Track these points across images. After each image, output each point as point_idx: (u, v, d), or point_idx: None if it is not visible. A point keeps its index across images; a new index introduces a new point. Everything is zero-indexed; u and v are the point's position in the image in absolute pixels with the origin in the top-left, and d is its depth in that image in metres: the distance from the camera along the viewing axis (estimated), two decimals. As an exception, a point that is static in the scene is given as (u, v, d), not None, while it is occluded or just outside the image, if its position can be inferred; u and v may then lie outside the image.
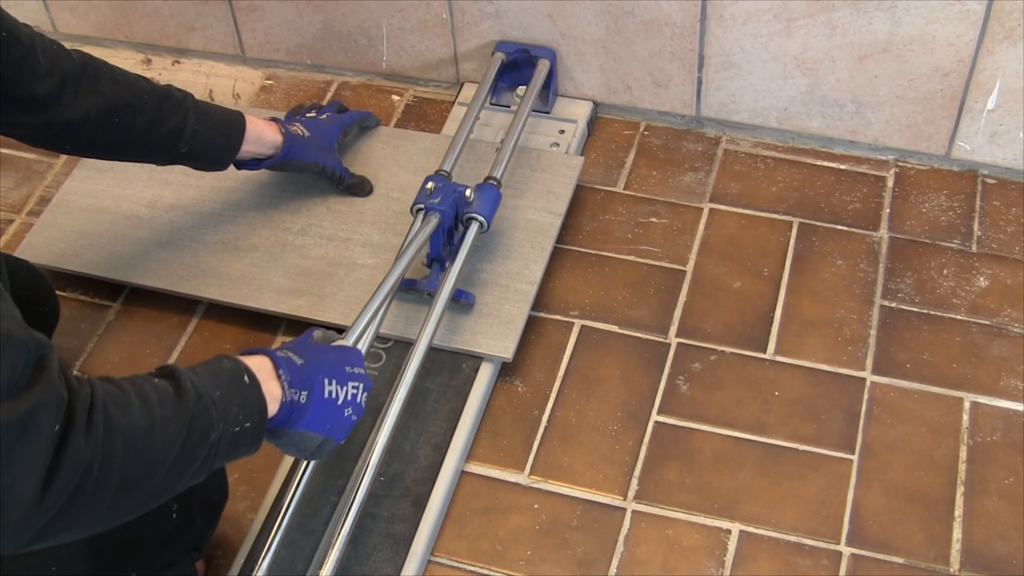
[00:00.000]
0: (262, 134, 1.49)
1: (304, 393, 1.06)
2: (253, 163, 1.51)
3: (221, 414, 0.96)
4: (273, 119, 1.54)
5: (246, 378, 1.00)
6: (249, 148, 1.48)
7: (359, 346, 1.28)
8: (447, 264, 1.47)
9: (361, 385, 1.13)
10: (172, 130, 1.39)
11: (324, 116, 1.63)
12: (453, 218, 1.47)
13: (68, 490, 0.83)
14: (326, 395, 1.08)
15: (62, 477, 0.83)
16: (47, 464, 0.82)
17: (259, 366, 1.03)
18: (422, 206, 1.46)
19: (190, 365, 1.00)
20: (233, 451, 0.99)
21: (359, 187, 1.62)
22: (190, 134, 1.40)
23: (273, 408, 1.03)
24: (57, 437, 0.82)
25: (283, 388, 1.04)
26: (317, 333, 1.17)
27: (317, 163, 1.56)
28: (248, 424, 0.99)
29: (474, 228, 1.48)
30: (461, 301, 1.47)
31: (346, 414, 1.11)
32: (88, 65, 1.33)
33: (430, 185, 1.48)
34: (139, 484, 0.90)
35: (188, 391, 0.94)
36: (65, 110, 1.30)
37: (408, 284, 1.48)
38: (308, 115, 1.63)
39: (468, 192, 1.48)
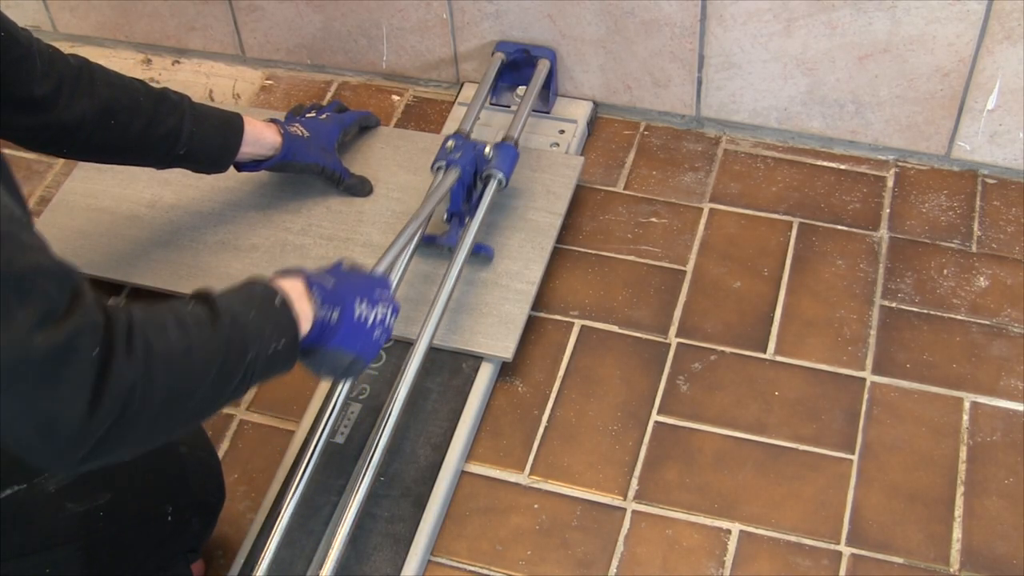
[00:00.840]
0: (261, 135, 1.49)
1: (335, 313, 1.09)
2: (253, 164, 1.51)
3: (256, 334, 0.99)
4: (272, 120, 1.54)
5: (277, 301, 1.03)
6: (248, 149, 1.48)
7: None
8: (466, 219, 1.51)
9: (390, 308, 1.17)
10: (169, 132, 1.39)
11: (324, 116, 1.63)
12: (473, 174, 1.51)
13: (114, 412, 0.86)
14: (356, 315, 1.12)
15: (107, 399, 0.85)
16: (91, 387, 0.84)
17: (291, 287, 1.07)
18: (443, 163, 1.51)
19: (221, 290, 1.02)
20: (270, 369, 1.02)
21: (359, 187, 1.62)
22: (187, 136, 1.40)
23: (305, 327, 1.06)
24: (99, 361, 0.85)
25: (315, 307, 1.07)
26: (346, 263, 1.19)
27: (317, 164, 1.56)
28: (283, 342, 1.02)
29: (493, 185, 1.52)
30: (481, 254, 1.51)
31: (375, 335, 1.14)
32: (84, 68, 1.34)
33: (450, 143, 1.53)
34: (181, 403, 0.93)
35: (222, 314, 0.97)
36: (62, 112, 1.30)
37: (429, 240, 1.52)
38: (308, 115, 1.63)
39: (487, 149, 1.53)
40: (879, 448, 1.39)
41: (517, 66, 1.74)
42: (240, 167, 1.50)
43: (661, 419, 1.43)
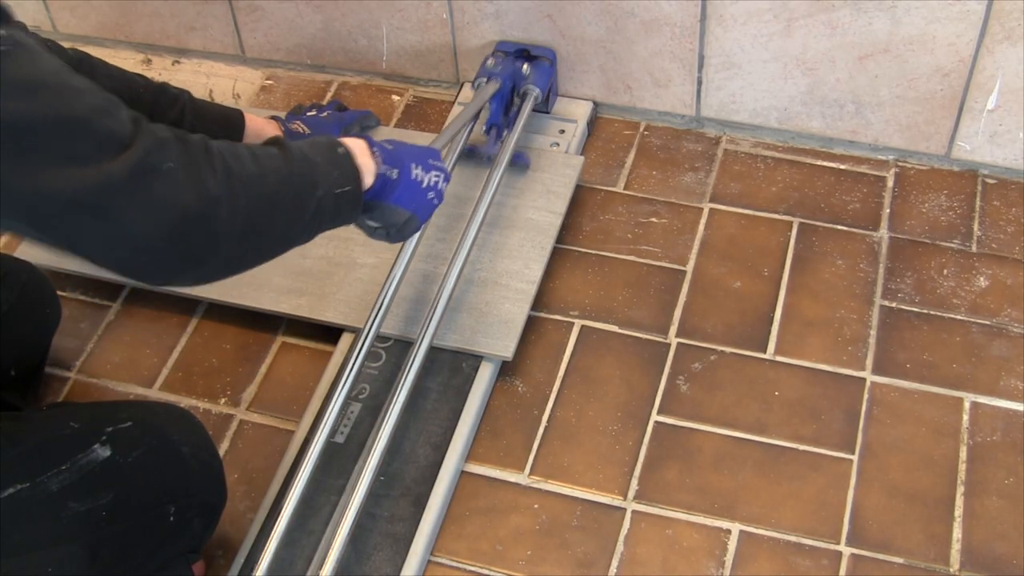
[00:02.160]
0: (262, 131, 1.48)
1: (395, 171, 1.17)
2: None
3: (323, 174, 1.06)
4: (273, 117, 1.54)
5: (340, 149, 1.10)
6: None
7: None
8: (505, 132, 1.62)
9: (442, 175, 1.25)
10: (169, 125, 1.38)
11: (325, 115, 1.63)
12: (511, 89, 1.63)
13: (205, 218, 0.93)
14: (413, 177, 1.20)
15: (201, 208, 0.92)
16: (181, 193, 0.91)
17: (354, 144, 1.13)
18: (484, 79, 1.64)
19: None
20: (336, 213, 1.09)
21: None
22: (188, 129, 1.39)
23: (369, 180, 1.13)
24: (181, 170, 0.91)
25: (377, 163, 1.14)
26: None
27: None
28: (348, 188, 1.09)
29: (530, 99, 1.65)
30: (519, 163, 1.61)
31: (429, 197, 1.22)
32: (84, 60, 1.33)
33: (490, 62, 1.66)
34: (264, 223, 0.99)
35: (292, 152, 1.04)
36: None
37: (469, 150, 1.62)
38: (309, 114, 1.63)
39: (525, 67, 1.65)
40: (879, 448, 1.39)
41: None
42: None
43: (661, 419, 1.43)
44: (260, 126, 1.49)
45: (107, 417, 1.16)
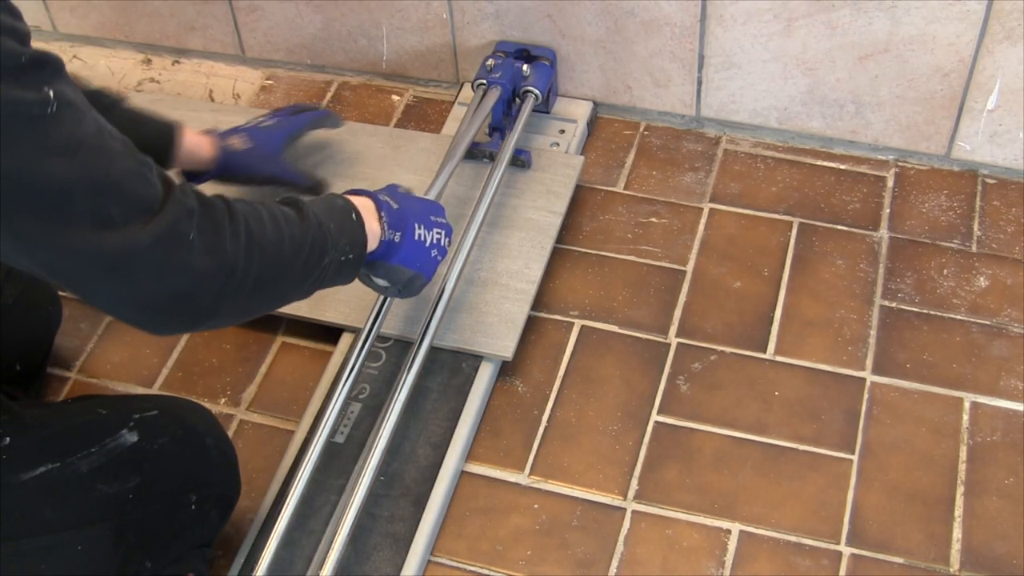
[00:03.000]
0: (196, 149, 1.44)
1: (399, 234, 1.21)
2: (191, 178, 1.45)
3: (334, 242, 1.10)
4: (210, 131, 1.49)
5: (354, 216, 1.14)
6: (184, 164, 1.43)
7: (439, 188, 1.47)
8: (506, 132, 1.63)
9: (444, 232, 1.29)
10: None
11: (272, 121, 1.56)
12: (511, 91, 1.64)
13: (216, 285, 0.96)
14: (416, 237, 1.24)
15: (213, 276, 0.95)
16: (197, 263, 0.94)
17: (364, 206, 1.17)
18: (484, 81, 1.64)
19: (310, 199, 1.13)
20: (336, 276, 1.13)
21: (315, 191, 1.56)
22: None
23: (373, 244, 1.17)
24: (201, 242, 0.94)
25: (383, 228, 1.19)
26: (401, 188, 1.29)
27: (261, 174, 1.51)
28: (352, 256, 1.13)
29: (530, 100, 1.65)
30: (521, 158, 1.62)
31: (432, 255, 1.26)
32: (99, 94, 1.31)
33: (490, 62, 1.66)
34: (270, 287, 1.03)
35: (310, 218, 1.08)
36: None
37: (473, 146, 1.62)
38: (258, 121, 1.56)
39: (525, 68, 1.65)
40: (879, 448, 1.39)
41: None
42: None
43: (661, 419, 1.43)
44: (196, 142, 1.45)
45: (134, 405, 1.20)
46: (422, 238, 1.24)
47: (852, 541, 1.31)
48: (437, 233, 1.27)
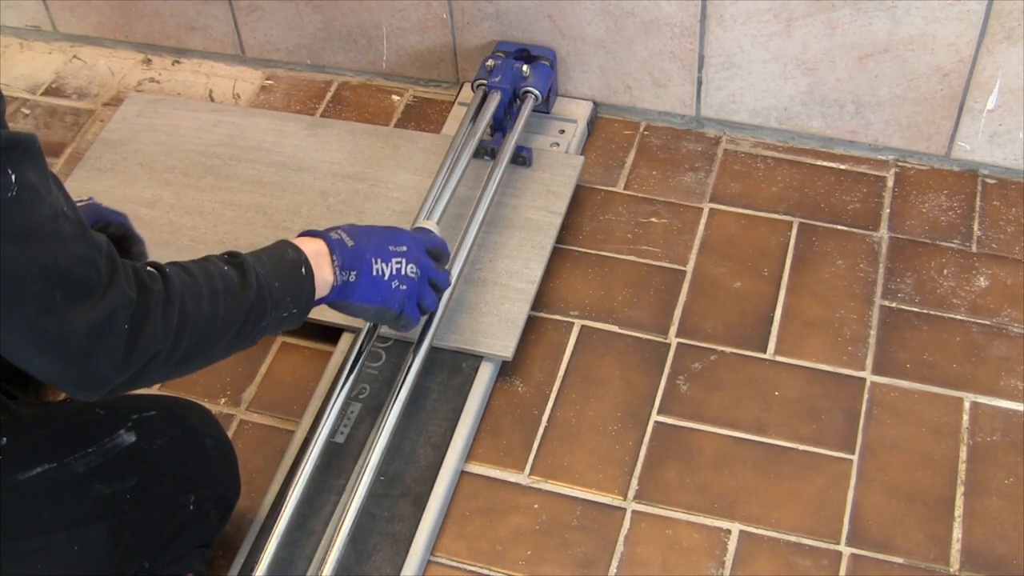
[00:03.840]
0: None
1: (353, 273, 1.18)
2: None
3: (275, 303, 1.09)
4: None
5: (303, 270, 1.13)
6: None
7: (435, 213, 1.47)
8: (507, 131, 1.62)
9: (404, 260, 1.25)
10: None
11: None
12: (511, 93, 1.64)
13: (137, 367, 0.97)
14: (374, 273, 1.21)
15: (134, 359, 0.96)
16: (122, 353, 0.95)
17: (317, 252, 1.16)
18: (484, 83, 1.64)
19: (256, 251, 1.12)
20: (277, 329, 1.13)
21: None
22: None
23: (324, 291, 1.16)
24: (132, 331, 0.95)
25: (335, 273, 1.17)
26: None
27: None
28: (295, 310, 1.12)
29: (530, 101, 1.65)
30: (522, 155, 1.63)
31: (394, 286, 1.23)
32: None
33: (490, 63, 1.65)
34: (195, 361, 1.04)
35: (251, 284, 1.07)
36: None
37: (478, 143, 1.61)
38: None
39: (524, 68, 1.65)
40: (879, 448, 1.39)
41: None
42: None
43: (661, 419, 1.43)
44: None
45: (132, 406, 1.20)
46: (380, 272, 1.21)
47: (852, 541, 1.31)
48: (397, 263, 1.24)
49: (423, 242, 1.29)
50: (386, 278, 1.22)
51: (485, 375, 1.45)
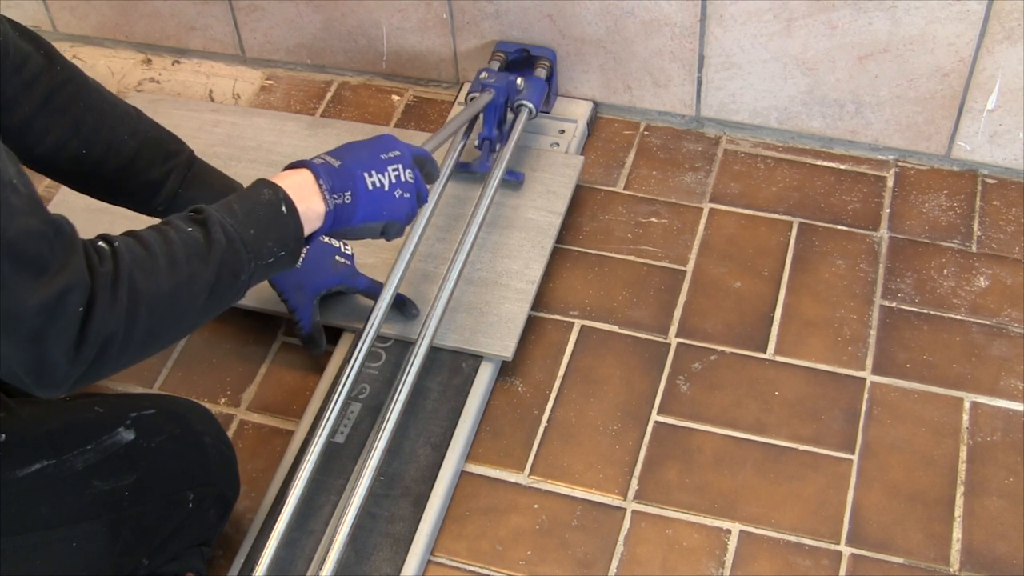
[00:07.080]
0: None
1: (348, 193, 1.11)
2: None
3: (254, 252, 1.02)
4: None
5: (283, 208, 1.05)
6: None
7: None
8: (497, 147, 1.58)
9: (401, 164, 1.17)
10: (149, 183, 1.27)
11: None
12: (504, 102, 1.59)
13: (92, 355, 0.93)
14: (370, 187, 1.13)
15: (87, 347, 0.92)
16: (74, 338, 0.91)
17: (300, 183, 1.08)
18: (477, 91, 1.58)
19: (227, 199, 1.04)
20: (266, 276, 1.06)
21: (314, 341, 1.45)
22: (169, 193, 1.28)
23: (316, 223, 1.09)
24: (82, 315, 0.91)
25: (326, 200, 1.09)
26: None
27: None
28: (282, 253, 1.05)
29: (524, 115, 1.61)
30: (512, 180, 1.58)
31: (396, 195, 1.16)
32: (71, 81, 1.21)
33: (484, 74, 1.60)
34: (165, 334, 0.99)
35: (218, 241, 0.99)
36: (21, 120, 1.17)
37: (463, 167, 1.59)
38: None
39: (519, 80, 1.60)
40: (879, 448, 1.39)
41: (517, 66, 1.72)
42: None
43: (661, 419, 1.43)
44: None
45: (131, 404, 1.20)
46: (378, 184, 1.13)
47: (852, 541, 1.31)
48: (395, 171, 1.15)
49: (413, 148, 1.21)
50: (387, 188, 1.14)
51: (485, 375, 1.45)
